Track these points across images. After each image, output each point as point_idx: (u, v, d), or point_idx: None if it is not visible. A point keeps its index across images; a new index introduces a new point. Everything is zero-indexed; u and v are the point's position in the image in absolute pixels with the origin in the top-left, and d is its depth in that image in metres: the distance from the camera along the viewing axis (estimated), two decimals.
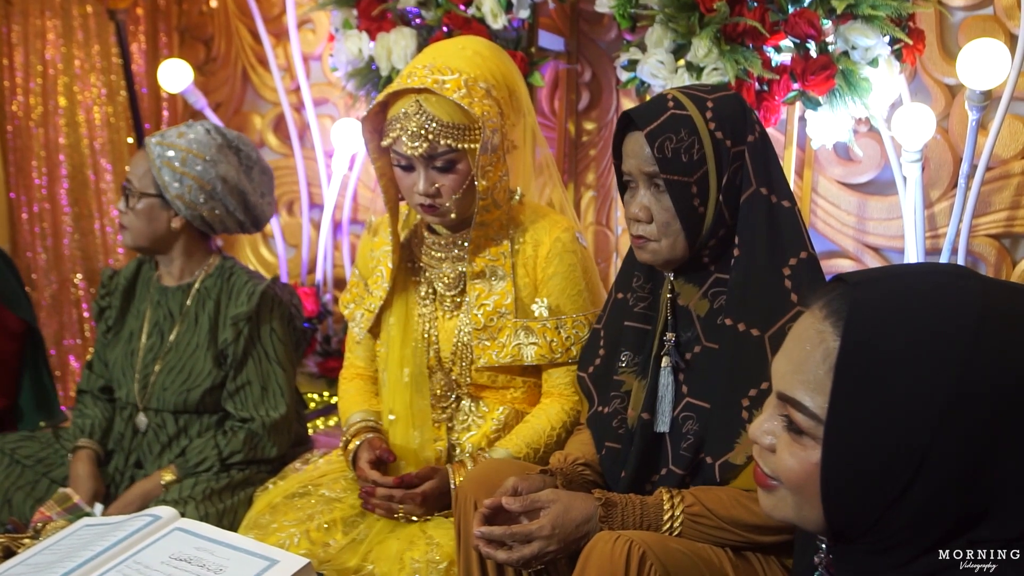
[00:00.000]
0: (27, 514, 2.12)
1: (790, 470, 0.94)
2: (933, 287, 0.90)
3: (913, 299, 0.89)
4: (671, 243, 1.55)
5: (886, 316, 0.88)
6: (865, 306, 0.90)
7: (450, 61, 1.80)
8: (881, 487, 0.87)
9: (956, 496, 0.86)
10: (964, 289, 0.89)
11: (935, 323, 0.87)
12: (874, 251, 2.59)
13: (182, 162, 2.16)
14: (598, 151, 3.00)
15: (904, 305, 0.89)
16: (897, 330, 0.87)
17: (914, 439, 0.85)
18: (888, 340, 0.87)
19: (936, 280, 0.91)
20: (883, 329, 0.88)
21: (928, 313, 0.87)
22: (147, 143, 2.20)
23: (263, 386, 2.20)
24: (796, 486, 0.94)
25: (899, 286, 0.91)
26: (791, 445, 0.94)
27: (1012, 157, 2.37)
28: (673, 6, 2.26)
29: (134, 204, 2.21)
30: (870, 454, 0.87)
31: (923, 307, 0.88)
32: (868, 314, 0.89)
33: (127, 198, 2.23)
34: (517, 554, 1.46)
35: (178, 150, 2.17)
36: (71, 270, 3.66)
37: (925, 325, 0.87)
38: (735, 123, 1.52)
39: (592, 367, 1.75)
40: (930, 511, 0.87)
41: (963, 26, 2.39)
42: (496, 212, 1.87)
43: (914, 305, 0.88)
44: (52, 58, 3.58)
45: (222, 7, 3.80)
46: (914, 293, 0.89)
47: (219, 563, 1.55)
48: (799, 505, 0.95)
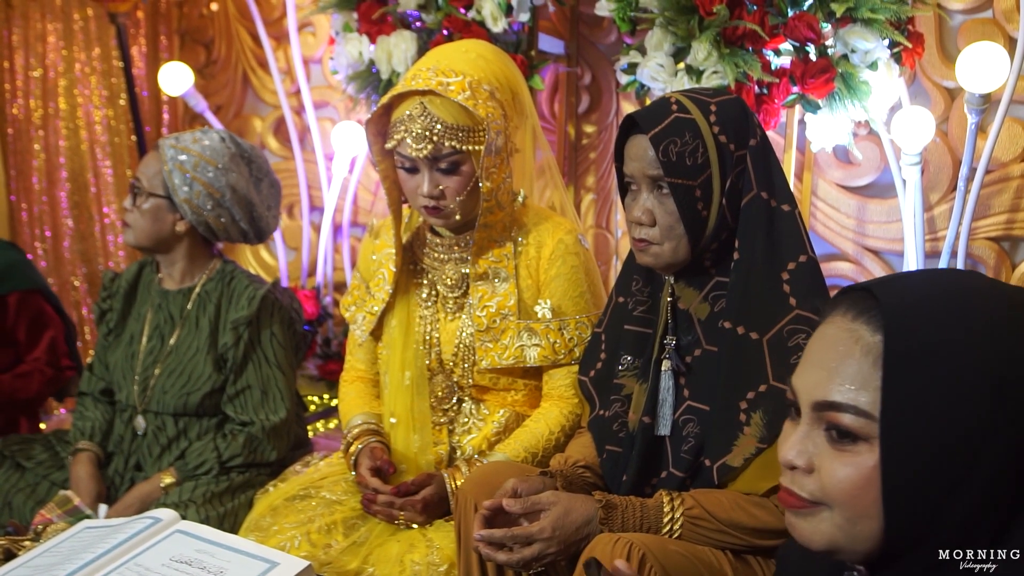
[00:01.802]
0: (27, 516, 2.12)
1: (844, 480, 0.90)
2: (952, 281, 0.91)
3: (939, 290, 0.90)
4: (674, 247, 1.55)
5: (922, 305, 0.89)
6: (898, 300, 0.90)
7: (454, 64, 1.80)
8: (942, 476, 0.86)
9: (1009, 486, 0.86)
10: (984, 282, 0.91)
11: (971, 310, 0.88)
12: (874, 254, 2.60)
13: (194, 167, 2.16)
14: (598, 154, 3.01)
15: (933, 294, 0.90)
16: (937, 317, 0.88)
17: (968, 421, 0.85)
18: (930, 327, 0.87)
19: (950, 276, 0.92)
20: (923, 317, 0.88)
21: (960, 303, 0.89)
22: (160, 145, 2.21)
23: (263, 390, 2.20)
24: (851, 497, 0.90)
25: (918, 282, 0.92)
26: (840, 456, 0.90)
27: (1011, 160, 2.37)
28: (673, 9, 2.27)
29: (141, 203, 2.21)
30: (929, 441, 0.86)
31: (953, 296, 0.89)
32: (905, 306, 0.89)
33: (134, 196, 2.23)
34: (517, 556, 1.46)
35: (191, 155, 2.17)
36: (71, 272, 3.66)
37: (962, 311, 0.88)
38: (738, 127, 1.53)
39: (593, 371, 1.76)
40: (986, 502, 0.86)
41: (962, 29, 2.40)
42: (500, 214, 1.88)
43: (943, 295, 0.89)
44: (53, 61, 3.59)
45: (223, 10, 3.80)
46: (937, 286, 0.91)
47: (219, 565, 1.55)
48: (852, 521, 0.90)
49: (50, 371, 2.60)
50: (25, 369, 2.58)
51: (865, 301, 0.92)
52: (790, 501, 0.95)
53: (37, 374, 2.58)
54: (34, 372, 2.58)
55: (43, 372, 2.58)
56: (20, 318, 2.58)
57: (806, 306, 1.48)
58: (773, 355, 1.48)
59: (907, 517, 0.88)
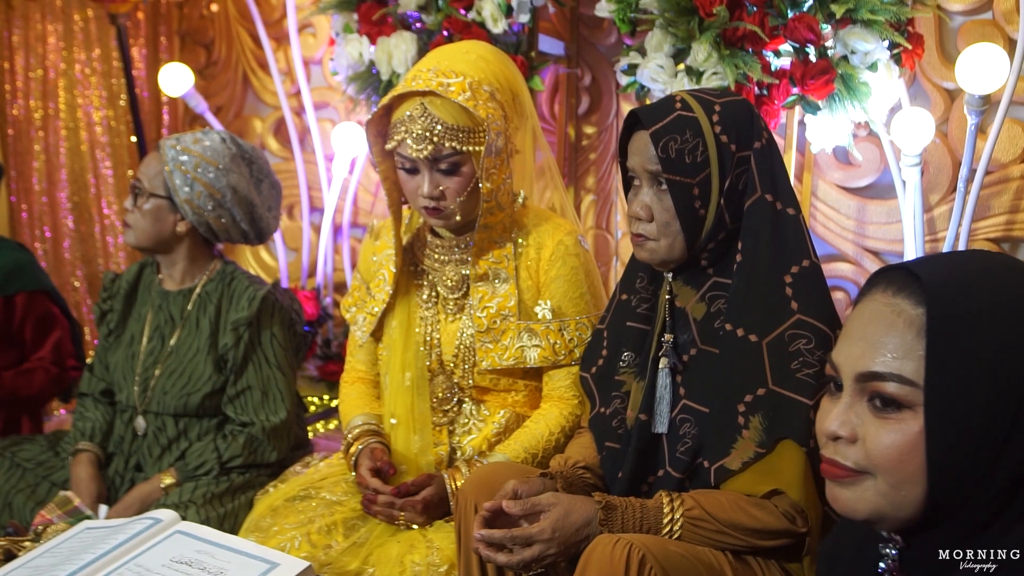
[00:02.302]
0: (28, 517, 2.12)
1: (890, 446, 0.92)
2: (986, 258, 0.96)
3: (976, 265, 0.95)
4: (669, 243, 1.55)
5: (961, 279, 0.92)
6: (938, 275, 0.93)
7: (454, 64, 1.81)
8: (984, 440, 0.88)
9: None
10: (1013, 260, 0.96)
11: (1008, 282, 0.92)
12: (873, 255, 2.60)
13: (195, 168, 2.16)
14: (598, 155, 3.01)
15: (971, 269, 0.94)
16: (976, 289, 0.91)
17: (1010, 387, 0.88)
18: (971, 298, 0.91)
19: (982, 255, 0.97)
20: (964, 289, 0.91)
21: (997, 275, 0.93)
22: (161, 145, 2.21)
23: (263, 391, 2.20)
24: (896, 463, 0.92)
25: (954, 259, 0.97)
26: (884, 424, 0.93)
27: (1011, 161, 2.37)
28: (673, 10, 2.27)
29: (142, 204, 2.21)
30: (971, 407, 0.88)
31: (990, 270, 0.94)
32: (944, 279, 0.92)
33: (135, 197, 2.23)
34: (517, 557, 1.46)
35: (192, 155, 2.17)
36: (71, 273, 3.66)
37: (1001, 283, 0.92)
38: (741, 128, 1.53)
39: (595, 367, 1.76)
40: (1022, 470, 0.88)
41: (962, 30, 2.40)
42: (500, 215, 1.88)
43: (981, 269, 0.94)
44: (53, 62, 3.59)
45: (223, 11, 3.81)
46: (973, 262, 0.96)
47: (220, 566, 1.55)
48: (896, 487, 0.93)
49: (55, 370, 2.59)
50: (28, 367, 2.57)
51: (904, 279, 0.95)
52: (834, 472, 0.97)
53: (40, 372, 2.57)
54: (37, 370, 2.57)
55: (47, 371, 2.58)
56: (27, 319, 2.57)
57: (807, 311, 1.48)
58: (773, 359, 1.48)
59: (950, 481, 0.90)
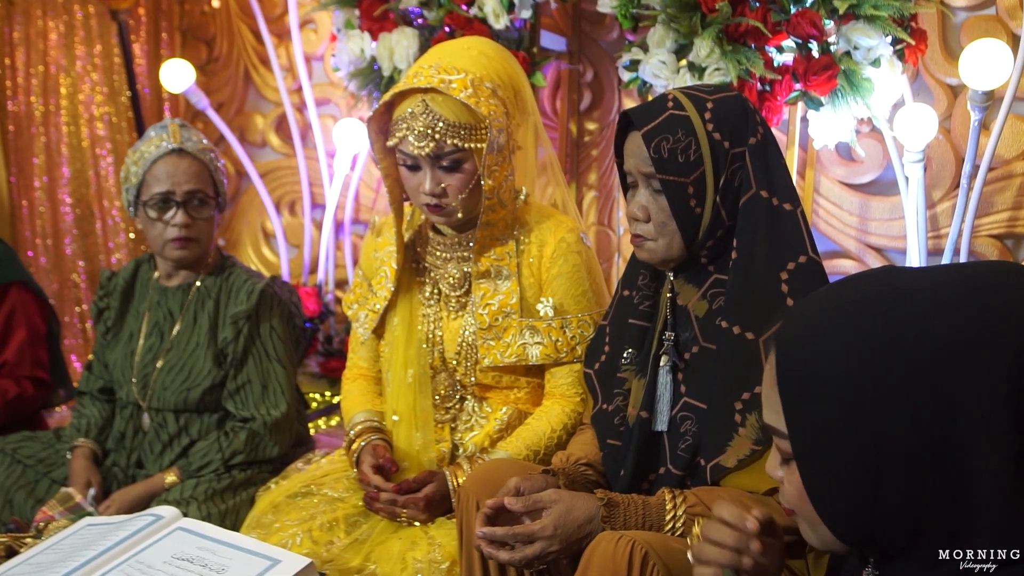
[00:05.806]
0: (29, 514, 2.12)
1: (790, 494, 1.00)
2: (839, 293, 0.97)
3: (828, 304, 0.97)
4: (667, 243, 1.55)
5: (808, 330, 0.96)
6: (789, 326, 0.98)
7: (456, 61, 1.80)
8: (857, 483, 0.92)
9: (937, 488, 0.88)
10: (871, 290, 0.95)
11: (851, 316, 0.93)
12: (876, 251, 2.59)
13: (214, 156, 2.23)
14: (600, 151, 3.00)
15: (825, 315, 0.96)
16: (818, 342, 0.94)
17: (862, 416, 0.90)
18: (811, 345, 0.94)
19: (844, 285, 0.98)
20: (807, 342, 0.95)
21: (840, 313, 0.95)
22: (193, 150, 2.18)
23: (263, 384, 2.20)
24: (800, 508, 0.99)
25: (815, 302, 0.99)
26: (789, 471, 1.00)
27: (1014, 157, 2.37)
28: (675, 6, 2.26)
29: (204, 213, 2.20)
30: (832, 452, 0.92)
31: (835, 308, 0.95)
32: (792, 331, 0.97)
33: (191, 208, 2.17)
34: (519, 554, 1.45)
35: (205, 149, 2.22)
36: (72, 270, 3.66)
37: (844, 319, 0.93)
38: (735, 124, 1.52)
39: (598, 363, 1.76)
40: (920, 506, 0.89)
41: (965, 26, 2.39)
42: (502, 212, 1.88)
43: (830, 307, 0.96)
44: (54, 58, 3.58)
45: (224, 7, 3.80)
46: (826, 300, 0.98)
47: (221, 563, 1.55)
48: (812, 528, 1.00)
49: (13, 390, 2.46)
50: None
51: (775, 334, 1.00)
52: (784, 509, 1.06)
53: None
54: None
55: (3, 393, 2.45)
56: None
57: None
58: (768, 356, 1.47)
59: (842, 518, 0.95)
